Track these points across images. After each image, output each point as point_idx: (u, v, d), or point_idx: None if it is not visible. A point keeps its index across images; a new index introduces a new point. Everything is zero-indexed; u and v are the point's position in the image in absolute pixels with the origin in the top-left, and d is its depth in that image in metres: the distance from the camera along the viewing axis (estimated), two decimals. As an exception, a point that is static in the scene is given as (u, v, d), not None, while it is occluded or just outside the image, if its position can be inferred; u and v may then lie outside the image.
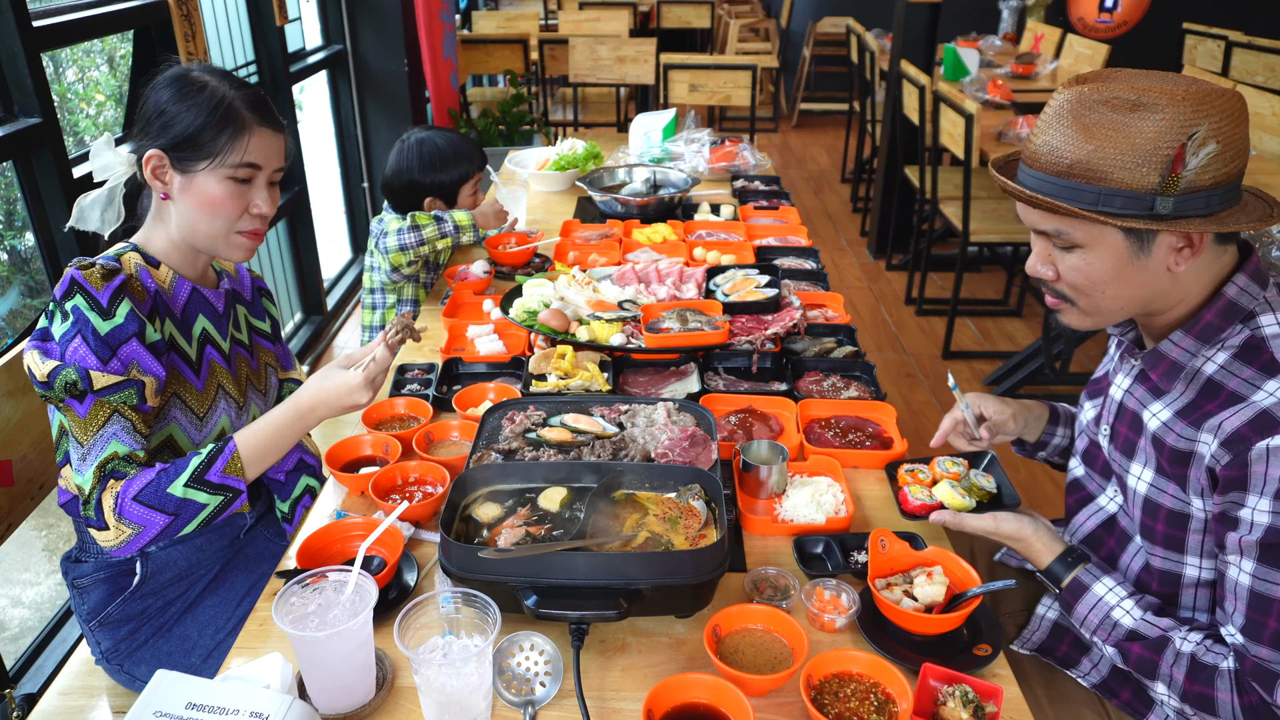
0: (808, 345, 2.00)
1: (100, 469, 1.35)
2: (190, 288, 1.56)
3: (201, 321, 1.57)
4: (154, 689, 1.05)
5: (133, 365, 1.38)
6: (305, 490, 1.73)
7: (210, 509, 1.39)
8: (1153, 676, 1.22)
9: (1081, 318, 1.28)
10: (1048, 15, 6.71)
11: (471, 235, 2.37)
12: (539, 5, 8.19)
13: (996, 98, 4.55)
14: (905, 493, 1.42)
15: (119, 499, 1.34)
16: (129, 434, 1.38)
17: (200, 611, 1.59)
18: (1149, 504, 1.28)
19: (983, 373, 4.01)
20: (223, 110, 1.43)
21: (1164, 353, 1.24)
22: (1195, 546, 1.24)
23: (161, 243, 1.52)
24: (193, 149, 1.43)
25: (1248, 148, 1.14)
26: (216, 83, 1.45)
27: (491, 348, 2.01)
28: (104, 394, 1.35)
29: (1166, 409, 1.24)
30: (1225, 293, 1.19)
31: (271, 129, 1.49)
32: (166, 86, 1.44)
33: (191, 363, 1.54)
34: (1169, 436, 1.22)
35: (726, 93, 4.51)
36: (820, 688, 1.13)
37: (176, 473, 1.37)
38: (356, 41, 4.67)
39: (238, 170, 1.45)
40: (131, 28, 2.82)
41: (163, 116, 1.43)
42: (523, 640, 1.20)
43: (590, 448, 1.50)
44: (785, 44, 8.58)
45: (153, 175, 1.45)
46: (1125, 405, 1.33)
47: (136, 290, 1.43)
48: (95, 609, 1.56)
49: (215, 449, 1.41)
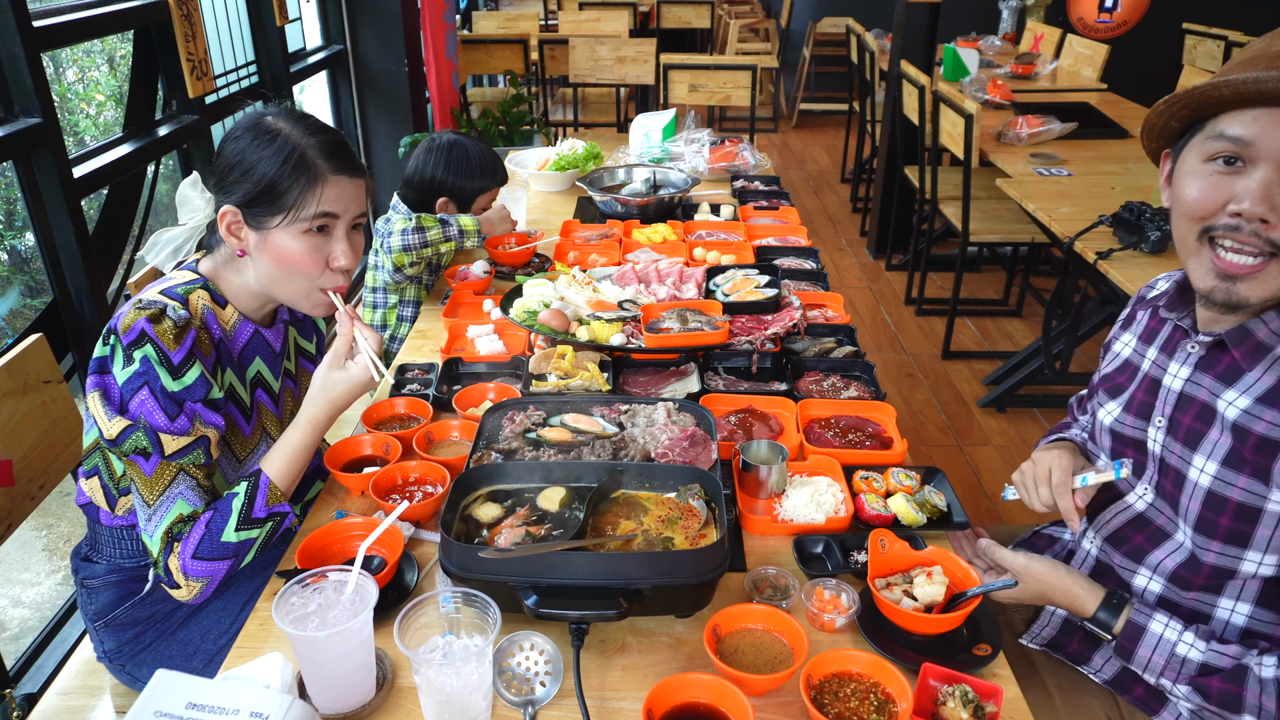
0: (808, 345, 2.00)
1: (168, 534, 1.35)
2: (252, 330, 1.52)
3: (257, 364, 1.55)
4: (154, 688, 1.05)
5: (196, 419, 1.36)
6: (318, 494, 1.73)
7: (263, 537, 1.39)
8: (1239, 709, 1.16)
9: None
10: (1048, 15, 6.71)
11: (476, 240, 2.37)
12: (539, 5, 8.18)
13: (996, 98, 4.54)
14: (861, 500, 1.47)
15: (182, 560, 1.34)
16: (194, 491, 1.37)
17: (204, 616, 1.59)
18: (1213, 498, 1.22)
19: (982, 373, 4.01)
20: (295, 160, 1.37)
21: (1251, 330, 1.18)
22: (1262, 541, 1.20)
23: (234, 284, 1.48)
24: (265, 204, 1.38)
25: None
26: (290, 129, 1.39)
27: (491, 348, 2.01)
28: (175, 457, 1.34)
29: (1245, 396, 1.19)
30: None
31: (349, 175, 1.43)
32: (241, 135, 1.40)
33: (246, 409, 1.52)
34: (1256, 425, 1.17)
35: (726, 93, 4.51)
36: (820, 687, 1.13)
37: (224, 520, 1.36)
38: (357, 42, 4.67)
39: (313, 222, 1.39)
40: (131, 28, 2.82)
41: (237, 169, 1.38)
42: (523, 640, 1.20)
43: (590, 448, 1.50)
44: (785, 44, 8.58)
45: (228, 232, 1.41)
46: (1190, 395, 1.27)
47: (204, 345, 1.40)
48: (102, 610, 1.56)
49: (251, 486, 1.39)
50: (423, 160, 2.52)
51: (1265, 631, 1.27)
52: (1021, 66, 5.20)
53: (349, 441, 1.63)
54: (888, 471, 1.54)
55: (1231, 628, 1.28)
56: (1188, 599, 1.30)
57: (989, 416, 3.70)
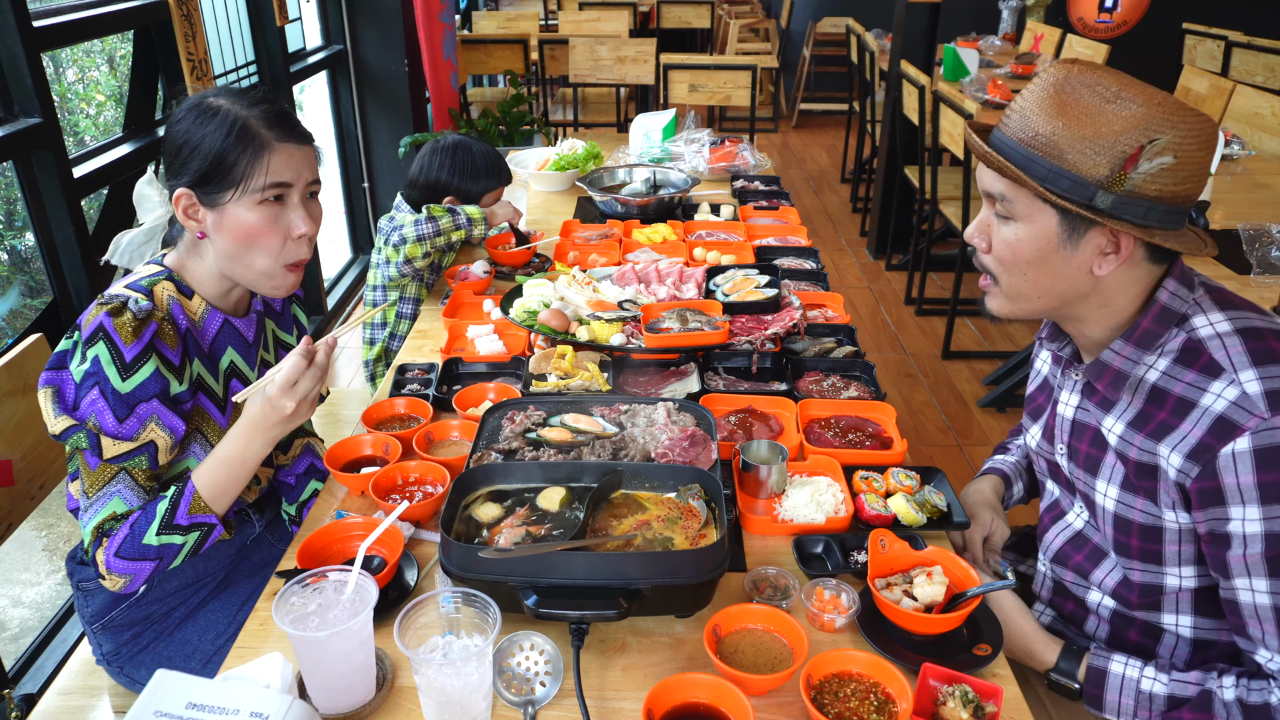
0: (808, 345, 2.00)
1: (99, 529, 1.36)
2: (221, 320, 1.51)
3: (230, 355, 1.53)
4: (154, 689, 1.05)
5: (151, 421, 1.35)
6: (313, 494, 1.73)
7: (189, 546, 1.39)
8: None
9: (1003, 302, 1.29)
10: (1048, 15, 6.71)
11: (483, 228, 2.37)
12: (539, 5, 8.18)
13: (996, 98, 4.54)
14: (861, 500, 1.47)
15: (106, 556, 1.35)
16: (132, 491, 1.37)
17: (202, 617, 1.59)
18: (1119, 520, 1.27)
19: (982, 372, 4.01)
20: (238, 131, 1.36)
21: (1106, 362, 1.24)
22: (1173, 557, 1.23)
23: (198, 273, 1.47)
24: (216, 180, 1.36)
25: (1204, 177, 1.14)
26: (230, 104, 1.38)
27: (491, 348, 2.01)
28: (114, 461, 1.34)
29: (1119, 421, 1.24)
30: (1158, 298, 1.20)
31: (295, 142, 1.42)
32: (184, 117, 1.38)
33: (219, 400, 1.50)
34: (1130, 450, 1.22)
35: (726, 93, 4.51)
36: (820, 687, 1.13)
37: (147, 523, 1.36)
38: (356, 42, 4.67)
39: (265, 193, 1.38)
40: (131, 28, 2.82)
41: (184, 150, 1.37)
42: (523, 640, 1.20)
43: (590, 448, 1.50)
44: (785, 44, 8.58)
45: (185, 215, 1.39)
46: (1080, 422, 1.32)
47: (168, 336, 1.38)
48: (99, 612, 1.56)
49: (177, 492, 1.38)
50: (427, 162, 2.53)
51: (1214, 639, 1.29)
52: (1021, 66, 5.20)
53: (349, 441, 1.63)
54: (888, 471, 1.54)
55: (1182, 641, 1.31)
56: (1138, 615, 1.33)
57: (989, 416, 3.70)
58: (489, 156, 2.57)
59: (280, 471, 1.76)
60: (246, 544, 1.68)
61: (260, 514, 1.71)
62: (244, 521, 1.67)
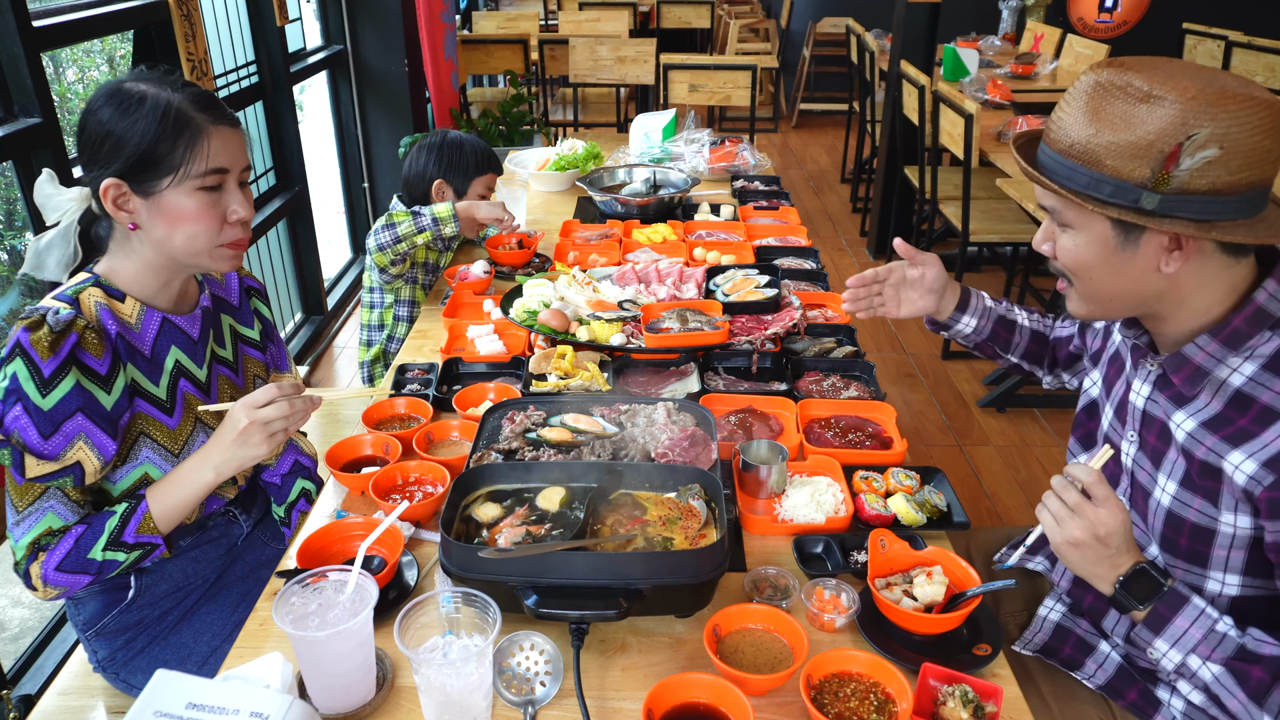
0: (807, 345, 2.00)
1: (34, 544, 1.34)
2: (160, 319, 1.45)
3: (174, 354, 1.48)
4: (154, 688, 1.05)
5: (79, 439, 1.32)
6: (301, 494, 1.73)
7: (128, 562, 1.39)
8: (1263, 703, 1.11)
9: (1080, 303, 1.27)
10: (1048, 15, 6.71)
11: (454, 226, 2.29)
12: (539, 5, 8.18)
13: (996, 98, 4.54)
14: (861, 500, 1.47)
15: (44, 569, 1.34)
16: (65, 505, 1.36)
17: (197, 619, 1.58)
18: (1172, 517, 1.24)
19: (983, 372, 4.01)
20: (172, 117, 1.31)
21: (1188, 356, 1.20)
22: (1220, 561, 1.21)
23: (129, 273, 1.42)
24: (151, 168, 1.31)
25: (1270, 161, 1.09)
26: (156, 89, 1.33)
27: (491, 348, 2.01)
28: (38, 480, 1.32)
29: (1191, 419, 1.21)
30: (1255, 298, 1.15)
31: (228, 125, 1.38)
32: (103, 106, 1.32)
33: (162, 403, 1.46)
34: (1197, 449, 1.19)
35: (726, 93, 4.51)
36: (820, 687, 1.13)
37: (94, 538, 1.35)
38: (357, 42, 4.67)
39: (205, 179, 1.34)
40: (131, 28, 2.82)
41: (109, 141, 1.31)
42: (523, 640, 1.20)
43: (590, 448, 1.50)
44: (785, 44, 8.58)
45: (115, 207, 1.34)
46: (1150, 413, 1.29)
47: (92, 346, 1.33)
48: (91, 620, 1.54)
49: (128, 509, 1.37)
50: (415, 158, 2.56)
51: None
52: (1021, 66, 5.20)
53: (349, 441, 1.63)
54: (888, 471, 1.54)
55: None
56: None
57: (989, 416, 3.70)
58: (476, 145, 2.58)
59: (265, 472, 1.75)
60: (237, 545, 1.67)
61: (246, 513, 1.69)
62: (230, 522, 1.66)
